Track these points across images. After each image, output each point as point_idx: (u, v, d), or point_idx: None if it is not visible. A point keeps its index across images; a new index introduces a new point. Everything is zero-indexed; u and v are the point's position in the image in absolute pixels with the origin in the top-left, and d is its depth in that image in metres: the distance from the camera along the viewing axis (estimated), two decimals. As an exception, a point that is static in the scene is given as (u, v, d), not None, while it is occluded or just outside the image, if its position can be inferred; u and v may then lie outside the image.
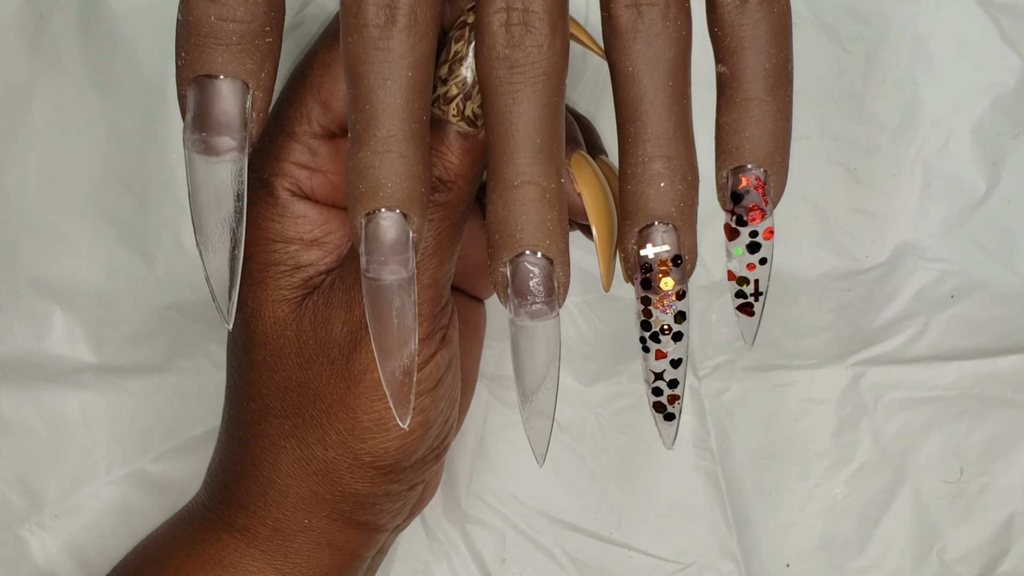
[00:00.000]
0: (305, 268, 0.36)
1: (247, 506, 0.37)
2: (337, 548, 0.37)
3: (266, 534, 0.37)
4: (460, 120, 0.32)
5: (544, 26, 0.28)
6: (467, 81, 0.31)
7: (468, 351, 0.42)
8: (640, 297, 0.31)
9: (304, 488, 0.36)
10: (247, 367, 0.37)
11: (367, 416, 0.35)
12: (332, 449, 0.36)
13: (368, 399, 0.35)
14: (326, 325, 0.35)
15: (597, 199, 0.33)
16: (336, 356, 0.35)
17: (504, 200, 0.29)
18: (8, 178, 0.43)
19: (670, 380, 0.32)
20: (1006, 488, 0.46)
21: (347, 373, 0.35)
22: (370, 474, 0.36)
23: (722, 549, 0.46)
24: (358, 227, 0.29)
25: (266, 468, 0.37)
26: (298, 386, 0.36)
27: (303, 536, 0.37)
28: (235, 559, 0.37)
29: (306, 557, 0.37)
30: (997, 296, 0.46)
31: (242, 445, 0.37)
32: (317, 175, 0.35)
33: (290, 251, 0.36)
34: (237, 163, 0.30)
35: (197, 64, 0.29)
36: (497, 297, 0.31)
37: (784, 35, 0.30)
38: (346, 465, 0.36)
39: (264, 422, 0.36)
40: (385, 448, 0.35)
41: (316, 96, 0.35)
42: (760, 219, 0.31)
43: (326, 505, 0.37)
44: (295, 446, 0.36)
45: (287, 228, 0.36)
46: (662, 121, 0.29)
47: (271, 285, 0.36)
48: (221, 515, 0.38)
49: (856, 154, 0.45)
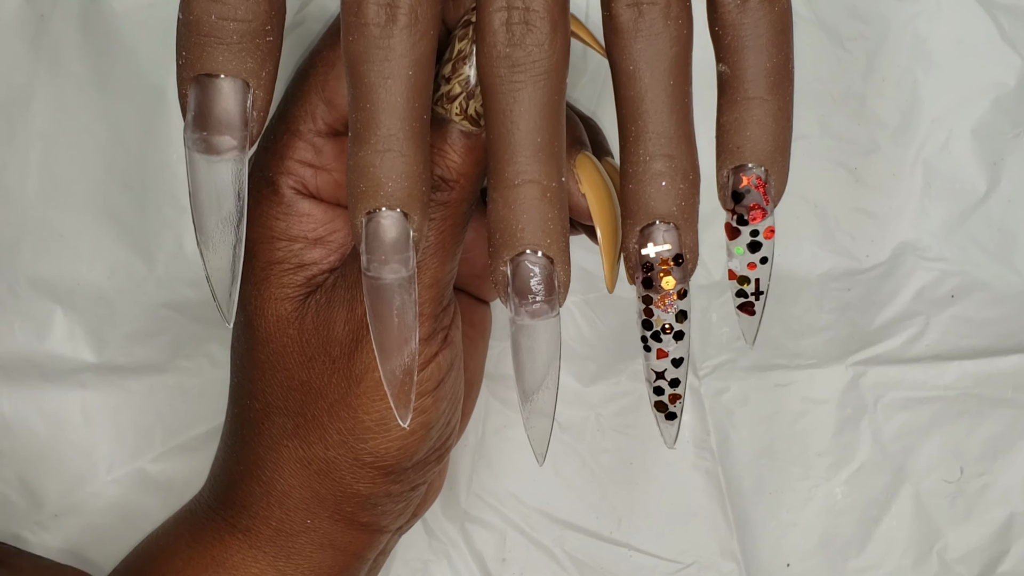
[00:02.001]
0: (308, 267, 0.36)
1: (249, 506, 0.37)
2: (339, 549, 0.37)
3: (268, 535, 0.37)
4: (463, 119, 0.32)
5: (545, 25, 0.28)
6: (470, 80, 0.31)
7: (473, 353, 0.42)
8: (641, 296, 0.31)
9: (306, 488, 0.36)
10: (250, 366, 0.37)
11: (368, 416, 0.35)
12: (333, 449, 0.36)
13: (369, 399, 0.35)
14: (328, 324, 0.35)
15: (602, 199, 0.33)
16: (338, 355, 0.35)
17: (505, 199, 0.29)
18: (9, 178, 0.43)
19: (671, 379, 0.32)
20: (1006, 488, 0.46)
21: (348, 372, 0.35)
22: (371, 474, 0.36)
23: (722, 549, 0.46)
24: (358, 226, 0.29)
25: (268, 468, 0.37)
26: (300, 385, 0.36)
27: (305, 537, 0.37)
28: (237, 560, 0.37)
29: (308, 558, 0.37)
30: (997, 296, 0.46)
31: (245, 444, 0.37)
32: (322, 173, 0.35)
33: (294, 249, 0.36)
34: (238, 162, 0.30)
35: (198, 63, 0.29)
36: (498, 296, 0.31)
37: (785, 34, 0.30)
38: (347, 465, 0.36)
39: (267, 421, 0.36)
40: (386, 448, 0.35)
41: (320, 94, 0.35)
42: (761, 218, 0.31)
43: (328, 505, 0.36)
44: (297, 445, 0.36)
45: (291, 226, 0.36)
46: (663, 120, 0.29)
47: (274, 283, 0.36)
48: (223, 516, 0.38)
49: (856, 154, 0.45)
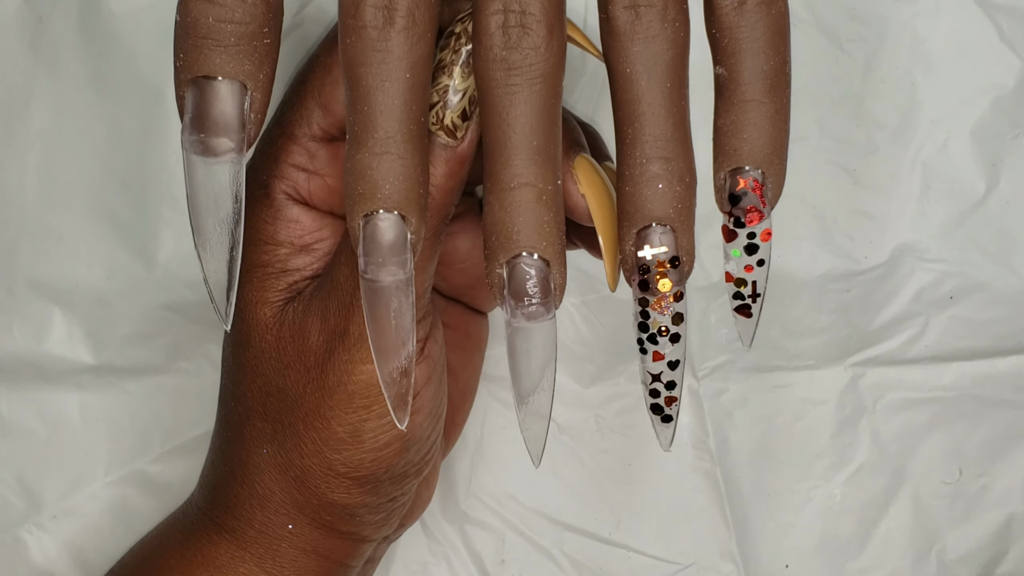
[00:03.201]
0: (291, 272, 0.36)
1: (234, 508, 0.37)
2: (323, 556, 0.37)
3: (253, 536, 0.37)
4: (439, 129, 0.32)
5: (541, 28, 0.28)
6: (449, 89, 0.31)
7: (467, 364, 0.42)
8: (638, 299, 0.31)
9: (285, 494, 0.36)
10: (234, 367, 0.37)
11: (341, 427, 0.35)
12: (308, 457, 0.35)
13: (342, 411, 0.35)
14: (303, 332, 0.35)
15: (601, 200, 0.33)
16: (312, 364, 0.35)
17: (500, 202, 0.29)
18: (7, 179, 0.43)
19: (667, 382, 0.32)
20: (1005, 489, 0.46)
21: (322, 383, 0.35)
22: (345, 484, 0.36)
23: (721, 550, 0.46)
24: (356, 228, 0.29)
25: (250, 471, 0.37)
26: (277, 391, 0.35)
27: (288, 542, 0.37)
28: (226, 560, 0.37)
29: (292, 562, 0.37)
30: (996, 297, 0.46)
31: (230, 446, 0.37)
32: (315, 178, 0.35)
33: (280, 254, 0.36)
34: (235, 164, 0.30)
35: (195, 65, 0.29)
36: (494, 299, 0.31)
37: (782, 36, 0.30)
38: (322, 474, 0.35)
39: (247, 424, 0.36)
40: (359, 460, 0.35)
41: (317, 99, 0.35)
42: (758, 221, 0.31)
43: (307, 512, 0.36)
44: (275, 451, 0.36)
45: (279, 231, 0.35)
46: (660, 122, 0.29)
47: (256, 286, 0.35)
48: (212, 516, 0.38)
49: (855, 155, 0.45)
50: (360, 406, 0.34)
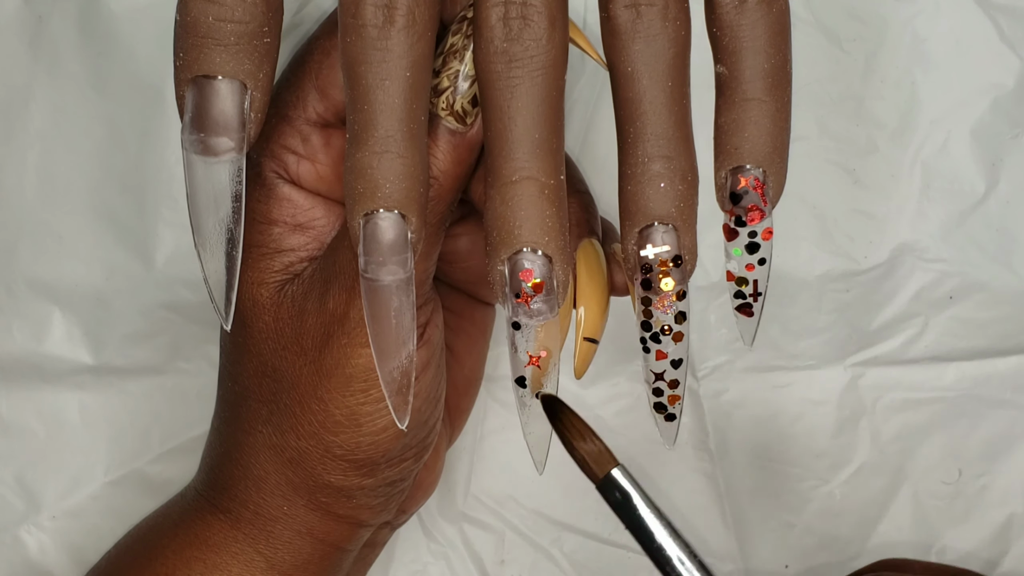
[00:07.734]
0: (287, 253, 0.35)
1: (229, 488, 0.37)
2: (318, 538, 0.37)
3: (248, 517, 0.37)
4: (449, 115, 0.32)
5: (543, 20, 0.28)
6: (460, 75, 0.31)
7: (472, 350, 0.42)
8: (640, 298, 0.31)
9: (280, 475, 0.36)
10: (231, 347, 0.37)
11: (338, 410, 0.35)
12: (305, 439, 0.35)
13: (340, 393, 0.34)
14: (301, 314, 0.35)
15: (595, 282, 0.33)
16: (309, 347, 0.35)
17: (502, 196, 0.29)
18: (7, 179, 0.43)
19: (671, 380, 0.32)
20: (1005, 489, 0.46)
21: (319, 365, 0.34)
22: (342, 467, 0.36)
23: (721, 550, 0.46)
24: (356, 227, 0.29)
25: (246, 451, 0.37)
26: (273, 372, 0.35)
27: (283, 523, 0.37)
28: (219, 539, 0.37)
29: (288, 544, 0.37)
30: (996, 297, 0.46)
31: (227, 426, 0.37)
32: (304, 162, 0.35)
33: (273, 233, 0.35)
34: (235, 163, 0.30)
35: (195, 64, 0.29)
36: (496, 297, 0.31)
37: (783, 35, 0.30)
38: (318, 456, 0.35)
39: (243, 405, 0.36)
40: (356, 443, 0.35)
41: (314, 82, 0.35)
42: (759, 219, 0.31)
43: (302, 494, 0.36)
44: (271, 432, 0.36)
45: (271, 209, 0.35)
46: (661, 121, 0.29)
47: (252, 267, 0.35)
48: (208, 496, 0.38)
49: (855, 155, 0.45)
50: (358, 390, 0.34)
